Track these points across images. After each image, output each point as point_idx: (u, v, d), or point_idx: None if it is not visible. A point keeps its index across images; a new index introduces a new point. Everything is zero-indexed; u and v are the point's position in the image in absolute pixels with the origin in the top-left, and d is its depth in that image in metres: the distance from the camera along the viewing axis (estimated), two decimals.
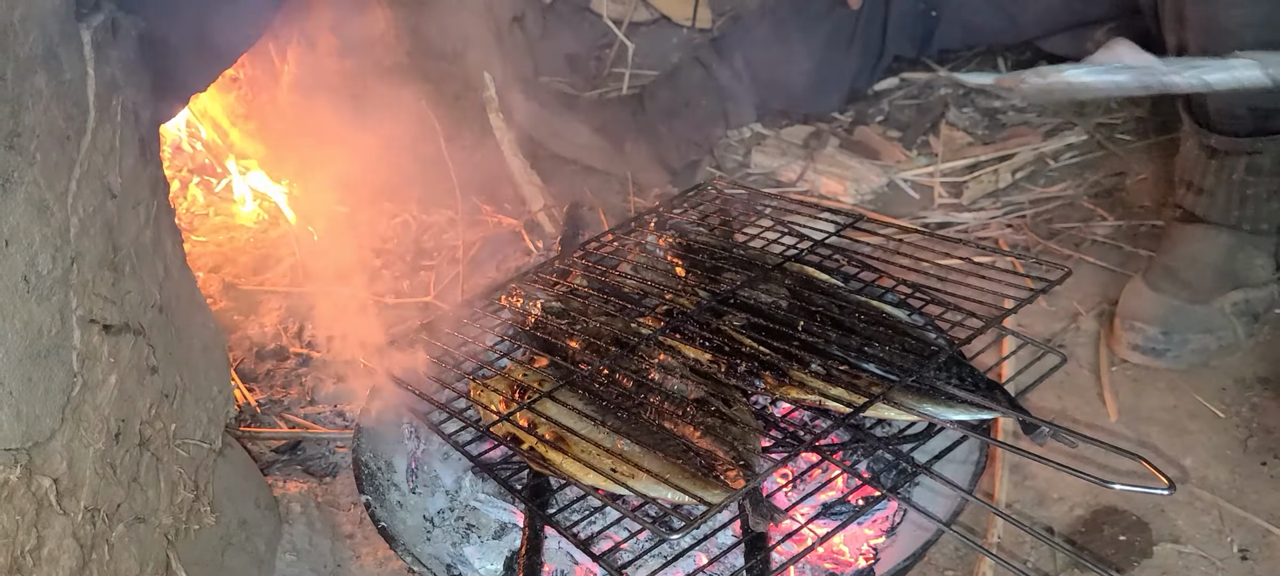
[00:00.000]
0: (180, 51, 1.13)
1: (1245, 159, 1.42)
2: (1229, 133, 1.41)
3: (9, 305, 0.82)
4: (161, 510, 1.05)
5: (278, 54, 1.94)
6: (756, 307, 1.23)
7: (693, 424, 1.04)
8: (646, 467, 0.98)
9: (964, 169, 2.01)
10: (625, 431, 1.04)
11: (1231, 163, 1.44)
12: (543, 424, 1.07)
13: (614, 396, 1.10)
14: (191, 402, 1.12)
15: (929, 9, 2.09)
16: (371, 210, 1.96)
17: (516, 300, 1.32)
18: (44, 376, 0.86)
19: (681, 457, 1.00)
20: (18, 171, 0.83)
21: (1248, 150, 1.41)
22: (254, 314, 1.72)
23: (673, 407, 1.07)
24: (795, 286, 1.27)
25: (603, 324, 1.22)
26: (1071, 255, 1.73)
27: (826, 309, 1.22)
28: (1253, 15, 1.31)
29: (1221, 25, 1.33)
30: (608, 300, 1.29)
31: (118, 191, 0.98)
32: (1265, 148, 1.40)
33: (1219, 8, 1.33)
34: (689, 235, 1.42)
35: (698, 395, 1.08)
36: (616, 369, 1.14)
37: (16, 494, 0.83)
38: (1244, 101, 1.37)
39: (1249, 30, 1.31)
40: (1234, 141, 1.41)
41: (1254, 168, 1.42)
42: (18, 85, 0.83)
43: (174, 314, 1.09)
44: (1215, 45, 1.34)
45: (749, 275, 1.28)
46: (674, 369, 1.12)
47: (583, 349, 1.19)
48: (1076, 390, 1.46)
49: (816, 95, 2.17)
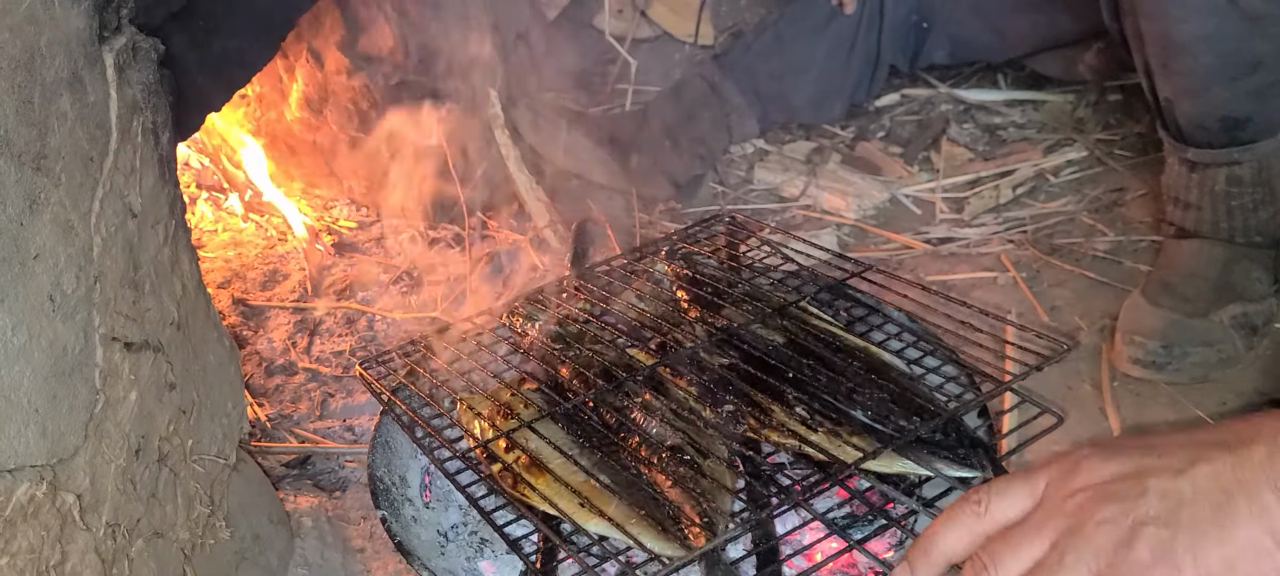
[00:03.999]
0: (197, 72, 1.15)
1: (1224, 170, 1.44)
2: (1204, 144, 1.43)
3: (35, 324, 0.84)
4: (179, 525, 1.06)
5: (286, 71, 1.96)
6: (750, 349, 1.18)
7: (665, 471, 1.01)
8: (608, 512, 0.96)
9: (965, 184, 2.03)
10: (600, 469, 1.02)
11: (1212, 175, 1.45)
12: (516, 453, 1.06)
13: (594, 432, 1.08)
14: (207, 418, 1.13)
15: (920, 20, 2.12)
16: (378, 225, 1.98)
17: (516, 320, 1.32)
18: (68, 394, 0.88)
19: (647, 505, 0.97)
20: (44, 192, 0.85)
21: (1225, 161, 1.43)
22: (263, 329, 1.73)
23: (649, 452, 1.04)
24: (794, 328, 1.23)
25: (596, 353, 1.21)
26: (1072, 270, 1.75)
27: (821, 354, 1.16)
28: (1203, 29, 1.32)
29: (1176, 41, 1.35)
30: (603, 328, 1.28)
31: (138, 211, 0.99)
32: (1242, 158, 1.42)
33: (1170, 23, 1.34)
34: (698, 266, 1.40)
35: (674, 442, 1.05)
36: (601, 403, 1.12)
37: (42, 510, 0.84)
38: (1213, 113, 1.39)
39: (1205, 43, 1.33)
40: (1211, 153, 1.43)
41: (1234, 179, 1.44)
42: (44, 108, 0.85)
43: (190, 331, 1.10)
44: (1173, 60, 1.36)
45: (750, 314, 1.25)
46: (656, 409, 1.10)
47: (573, 377, 1.18)
48: (1079, 404, 1.48)
49: (818, 106, 2.20)
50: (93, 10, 0.92)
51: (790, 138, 2.23)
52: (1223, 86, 1.37)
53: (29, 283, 0.83)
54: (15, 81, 0.81)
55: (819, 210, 2.00)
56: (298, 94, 1.97)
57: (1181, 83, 1.39)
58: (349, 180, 2.02)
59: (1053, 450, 1.05)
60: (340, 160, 2.00)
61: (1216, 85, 1.37)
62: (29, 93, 0.83)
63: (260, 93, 1.99)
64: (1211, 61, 1.34)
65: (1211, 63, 1.34)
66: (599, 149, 2.05)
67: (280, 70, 1.96)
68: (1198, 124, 1.40)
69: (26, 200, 0.83)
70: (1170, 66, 1.38)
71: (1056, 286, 1.73)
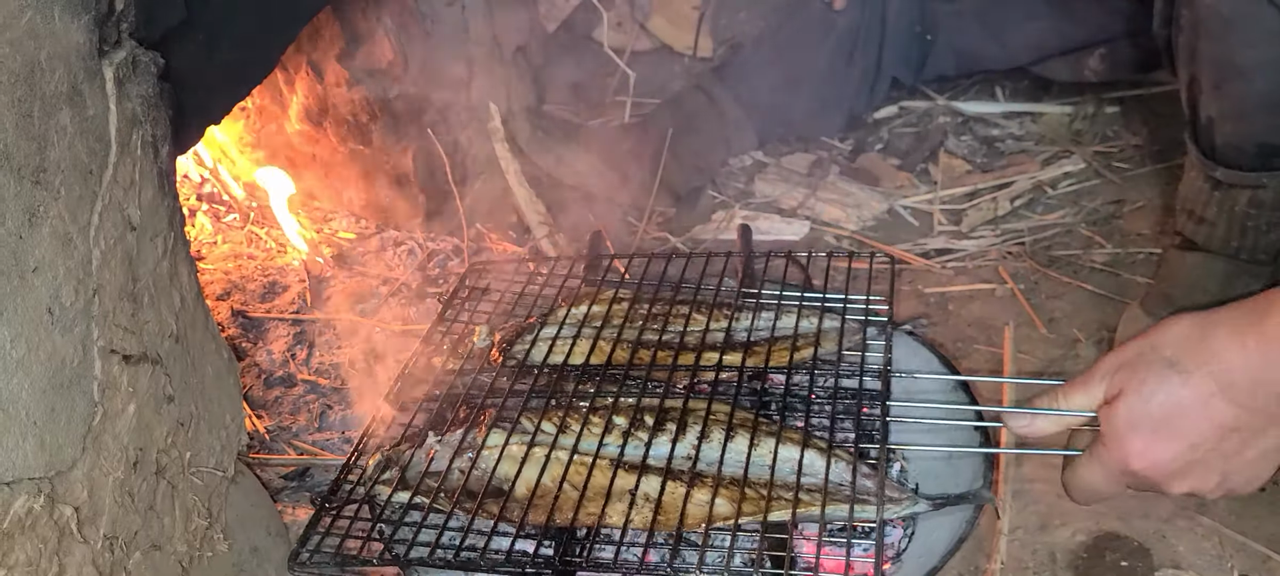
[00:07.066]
0: (197, 85, 1.15)
1: (1249, 192, 1.43)
2: (1235, 166, 1.42)
3: (34, 337, 0.84)
4: (176, 537, 1.06)
5: (285, 83, 1.96)
6: None
7: None
8: None
9: (963, 196, 2.04)
10: None
11: (1235, 195, 1.45)
12: None
13: None
14: (206, 431, 1.13)
15: (924, 32, 2.12)
16: (377, 238, 1.98)
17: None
18: (67, 406, 0.88)
19: None
20: (43, 206, 0.85)
21: (1252, 184, 1.42)
22: (262, 341, 1.73)
23: None
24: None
25: None
26: (1070, 282, 1.75)
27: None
28: (1267, 55, 1.30)
29: (1235, 64, 1.33)
30: None
31: (137, 224, 1.00)
32: (1269, 182, 1.41)
33: (1233, 47, 1.32)
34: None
35: None
36: None
37: (40, 522, 0.84)
38: (1253, 138, 1.38)
39: (1262, 71, 1.31)
40: (1239, 175, 1.42)
41: (1256, 201, 1.44)
42: (44, 122, 0.85)
43: (189, 343, 1.11)
44: (1227, 83, 1.35)
45: None
46: None
47: None
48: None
49: (818, 119, 2.21)
50: (93, 24, 0.92)
51: (789, 150, 2.23)
52: (1270, 114, 1.35)
53: (28, 295, 0.83)
54: (15, 95, 0.82)
55: (819, 222, 2.01)
56: (297, 107, 1.97)
57: (1230, 105, 1.38)
58: (348, 192, 2.02)
59: None
60: (339, 172, 2.01)
61: (1265, 112, 1.36)
62: (29, 106, 0.83)
63: (260, 105, 2.00)
64: (1266, 88, 1.32)
65: (1266, 89, 1.33)
66: (598, 161, 2.05)
67: (280, 83, 1.97)
68: (1235, 146, 1.39)
69: (26, 213, 0.83)
70: (1223, 88, 1.36)
71: (1054, 298, 1.74)
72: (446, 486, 1.09)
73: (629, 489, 1.04)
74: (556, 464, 1.09)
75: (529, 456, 1.10)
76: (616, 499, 1.04)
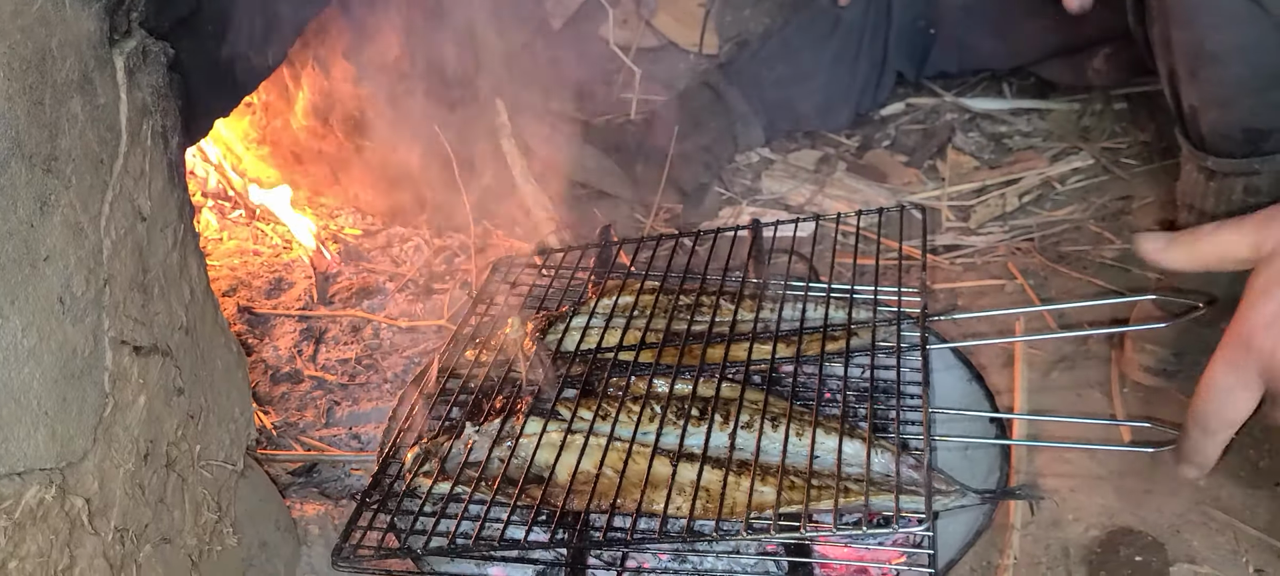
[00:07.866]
0: (205, 77, 1.15)
1: (1243, 180, 1.43)
2: (1225, 154, 1.42)
3: (45, 326, 0.83)
4: (186, 531, 1.05)
5: (292, 78, 1.96)
6: None
7: None
8: None
9: (971, 193, 2.03)
10: None
11: (1230, 184, 1.44)
12: None
13: None
14: (215, 424, 1.12)
15: (927, 26, 2.12)
16: (384, 234, 1.98)
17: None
18: (77, 397, 0.87)
19: None
20: (55, 194, 0.84)
21: (1245, 171, 1.42)
22: (269, 337, 1.72)
23: None
24: None
25: None
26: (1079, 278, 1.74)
27: None
28: (1238, 39, 1.30)
29: (1207, 50, 1.33)
30: None
31: (147, 214, 0.99)
32: (1262, 168, 1.41)
33: (1203, 32, 1.32)
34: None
35: None
36: None
37: (51, 514, 0.84)
38: (1238, 123, 1.38)
39: (1235, 55, 1.31)
40: (1231, 162, 1.42)
41: (1252, 189, 1.43)
42: (55, 110, 0.84)
43: (198, 336, 1.10)
44: (1203, 69, 1.35)
45: None
46: None
47: None
48: (1088, 411, 1.47)
49: (824, 114, 2.20)
50: (103, 13, 0.91)
51: (796, 146, 2.23)
52: (1251, 97, 1.35)
53: (39, 284, 0.83)
54: (27, 82, 0.81)
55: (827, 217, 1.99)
56: (304, 102, 1.97)
57: (1209, 92, 1.38)
58: (355, 188, 2.02)
59: None
60: (346, 168, 2.00)
61: (1245, 96, 1.35)
62: (40, 94, 0.82)
63: (267, 101, 1.99)
64: (1242, 72, 1.32)
65: (1242, 73, 1.32)
66: (604, 158, 2.05)
67: (286, 79, 1.96)
68: (1221, 133, 1.39)
69: (37, 201, 0.82)
70: (1199, 75, 1.36)
71: (1064, 294, 1.73)
72: (503, 475, 1.09)
73: (691, 480, 1.05)
74: (614, 450, 1.10)
75: (580, 445, 1.11)
76: (678, 488, 1.05)
